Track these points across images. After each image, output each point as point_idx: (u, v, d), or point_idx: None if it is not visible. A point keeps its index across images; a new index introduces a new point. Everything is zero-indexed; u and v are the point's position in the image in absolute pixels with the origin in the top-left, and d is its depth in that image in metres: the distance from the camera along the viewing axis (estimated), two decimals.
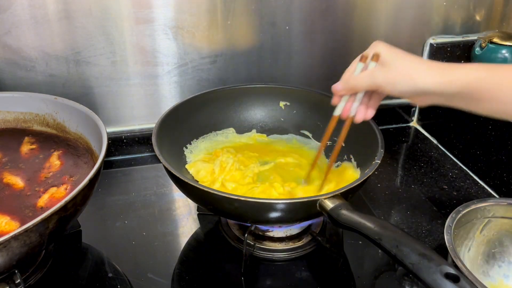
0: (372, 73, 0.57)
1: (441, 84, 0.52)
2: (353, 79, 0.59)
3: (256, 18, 0.91)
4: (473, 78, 0.51)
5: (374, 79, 0.56)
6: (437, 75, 0.52)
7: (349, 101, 0.63)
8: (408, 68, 0.54)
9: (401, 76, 0.54)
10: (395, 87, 0.55)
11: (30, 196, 0.65)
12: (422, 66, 0.54)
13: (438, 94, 0.53)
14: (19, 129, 0.79)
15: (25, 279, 0.64)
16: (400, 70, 0.54)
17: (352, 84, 0.59)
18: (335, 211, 0.56)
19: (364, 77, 0.57)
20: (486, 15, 1.03)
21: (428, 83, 0.52)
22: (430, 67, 0.53)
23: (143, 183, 0.89)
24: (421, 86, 0.53)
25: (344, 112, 0.64)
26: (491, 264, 0.66)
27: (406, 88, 0.54)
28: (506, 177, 0.84)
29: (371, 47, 0.59)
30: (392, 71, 0.55)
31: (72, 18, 0.82)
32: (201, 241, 0.75)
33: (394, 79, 0.54)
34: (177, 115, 0.80)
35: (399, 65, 0.55)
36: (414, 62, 0.54)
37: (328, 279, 0.68)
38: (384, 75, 0.55)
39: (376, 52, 0.57)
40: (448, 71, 0.52)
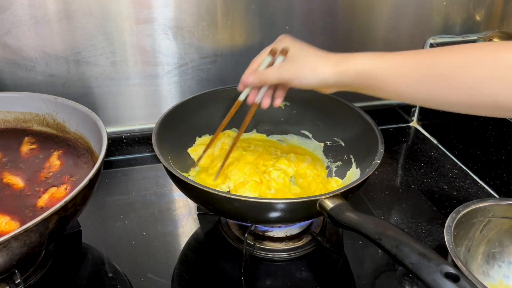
0: (280, 69, 0.61)
1: (337, 74, 0.56)
2: (264, 75, 0.63)
3: (256, 18, 0.91)
4: (364, 67, 0.54)
5: (282, 74, 0.60)
6: (333, 66, 0.56)
7: (255, 89, 0.68)
8: (311, 61, 0.58)
9: (305, 70, 0.58)
10: (301, 81, 0.59)
11: (30, 196, 0.65)
12: (322, 59, 0.57)
13: (337, 83, 0.57)
14: (19, 129, 0.79)
15: (25, 279, 0.64)
16: (304, 64, 0.58)
17: (263, 78, 0.63)
18: (335, 211, 0.56)
19: (275, 73, 0.61)
20: (486, 15, 1.03)
21: (326, 74, 0.56)
22: (328, 59, 0.57)
23: (143, 183, 0.89)
24: (322, 77, 0.57)
25: (251, 98, 0.68)
26: (491, 264, 0.66)
27: (311, 81, 0.58)
28: (506, 177, 0.84)
29: (278, 41, 0.63)
30: (298, 66, 0.59)
31: (72, 18, 0.82)
32: (201, 241, 0.75)
33: (301, 74, 0.58)
34: (177, 115, 0.80)
35: (305, 60, 0.59)
36: (317, 56, 0.58)
37: (328, 279, 0.68)
38: (290, 70, 0.59)
39: (284, 47, 0.61)
40: (343, 61, 0.56)
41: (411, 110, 1.10)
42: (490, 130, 0.86)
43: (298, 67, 0.59)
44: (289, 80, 0.60)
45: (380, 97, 0.57)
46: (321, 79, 0.57)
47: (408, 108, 1.10)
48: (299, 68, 0.58)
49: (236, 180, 0.75)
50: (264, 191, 0.74)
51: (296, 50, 0.60)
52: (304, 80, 0.58)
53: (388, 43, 1.01)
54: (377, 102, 1.08)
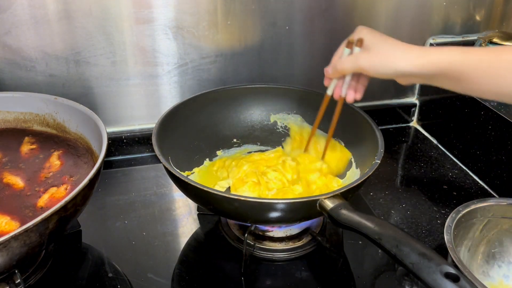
0: (356, 57, 0.61)
1: (418, 66, 0.56)
2: (339, 64, 0.63)
3: (256, 18, 0.91)
4: (448, 61, 0.54)
5: (357, 63, 0.60)
6: (414, 58, 0.56)
7: (339, 82, 0.69)
8: (388, 52, 0.58)
9: (381, 59, 0.58)
10: (376, 70, 0.59)
11: (30, 196, 0.65)
12: (400, 50, 0.57)
13: (416, 75, 0.57)
14: (19, 129, 0.79)
15: (25, 279, 0.64)
16: (381, 54, 0.58)
17: (339, 68, 0.64)
18: (335, 211, 0.56)
19: (349, 61, 0.62)
20: (486, 15, 1.03)
21: (406, 66, 0.56)
22: (408, 50, 0.57)
23: (143, 183, 0.89)
24: (399, 69, 0.57)
25: (336, 93, 0.70)
26: (491, 264, 0.66)
27: (387, 71, 0.58)
28: (506, 177, 0.84)
29: (355, 32, 0.63)
30: (374, 55, 0.59)
31: (72, 18, 0.82)
32: (201, 241, 0.75)
33: (375, 62, 0.58)
34: (177, 115, 0.80)
35: (380, 49, 0.59)
36: (394, 46, 0.58)
37: (328, 279, 0.68)
38: (366, 59, 0.60)
39: (360, 37, 0.61)
40: (424, 53, 0.56)
41: (411, 110, 1.10)
42: (490, 130, 0.86)
43: (373, 56, 0.59)
44: (365, 69, 0.60)
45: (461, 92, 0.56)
46: (398, 69, 0.57)
47: (408, 108, 1.10)
48: (374, 57, 0.59)
49: (234, 176, 0.75)
50: (263, 191, 0.74)
51: (372, 39, 0.60)
52: (380, 69, 0.58)
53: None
54: (377, 102, 1.08)
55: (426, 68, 0.55)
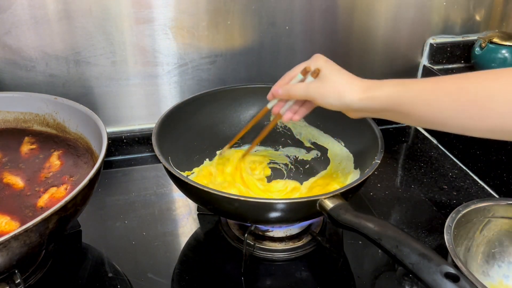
0: (308, 86, 0.62)
1: (363, 100, 0.57)
2: (292, 90, 0.65)
3: (256, 18, 0.91)
4: (391, 95, 0.55)
5: (308, 92, 0.62)
6: (360, 92, 0.57)
7: (282, 101, 0.70)
8: (338, 84, 0.59)
9: (331, 91, 0.59)
10: (325, 101, 0.60)
11: (30, 196, 0.65)
12: (350, 84, 0.59)
13: (363, 109, 0.58)
14: (19, 129, 0.79)
15: (25, 279, 0.64)
16: (331, 86, 0.60)
17: (291, 94, 0.65)
18: (335, 211, 0.56)
19: (301, 89, 0.63)
20: (486, 15, 1.03)
21: (352, 99, 0.57)
22: (356, 85, 0.58)
23: (143, 183, 0.89)
24: (347, 102, 0.58)
25: (276, 109, 0.70)
26: (491, 264, 0.66)
27: (334, 102, 0.59)
28: (506, 177, 0.84)
29: (313, 59, 0.64)
30: (325, 86, 0.60)
31: (72, 18, 0.82)
32: (201, 241, 0.75)
33: (325, 93, 0.60)
34: (177, 115, 0.80)
35: (331, 81, 0.60)
36: (344, 79, 0.59)
37: (328, 279, 0.68)
38: (317, 89, 0.61)
39: (317, 68, 0.62)
40: (371, 88, 0.57)
41: None
42: None
43: (325, 87, 0.60)
44: (315, 98, 0.61)
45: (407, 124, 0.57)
46: (345, 102, 0.58)
47: None
48: (326, 89, 0.60)
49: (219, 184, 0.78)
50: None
51: (327, 71, 0.61)
52: (328, 100, 0.60)
53: (388, 43, 1.01)
54: None
55: (372, 103, 0.56)
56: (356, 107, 0.58)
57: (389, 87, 0.56)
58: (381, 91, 0.56)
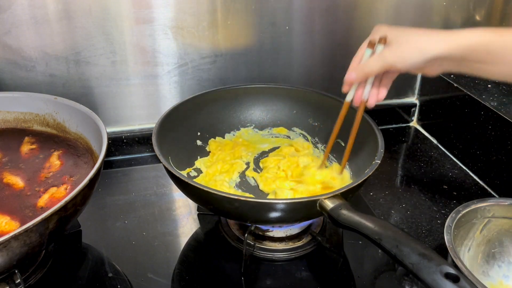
0: (382, 55, 0.59)
1: (448, 49, 0.54)
2: (366, 66, 0.60)
3: (256, 18, 0.91)
4: (478, 41, 0.53)
5: (385, 60, 0.58)
6: (443, 41, 0.54)
7: (360, 87, 0.65)
8: (414, 40, 0.56)
9: (409, 50, 0.56)
10: (405, 62, 0.57)
11: (30, 196, 0.65)
12: (426, 35, 0.56)
13: (447, 58, 0.55)
14: (19, 129, 0.79)
15: (25, 279, 0.64)
16: (407, 44, 0.57)
17: (367, 71, 0.61)
18: (335, 211, 0.56)
19: (376, 61, 0.59)
20: (486, 15, 1.03)
21: (436, 50, 0.54)
22: (434, 34, 0.56)
23: (143, 183, 0.89)
24: (430, 55, 0.55)
25: (357, 98, 0.66)
26: (491, 264, 0.66)
27: (416, 59, 0.56)
28: (506, 177, 0.84)
29: (374, 31, 0.61)
30: (400, 48, 0.57)
31: (72, 18, 0.82)
32: (201, 241, 0.75)
33: (404, 54, 0.56)
34: (177, 115, 0.80)
35: (405, 40, 0.57)
36: (419, 34, 0.57)
37: (328, 279, 0.68)
38: (393, 53, 0.57)
39: (382, 35, 0.59)
40: (453, 35, 0.54)
41: (411, 110, 1.10)
42: (490, 130, 0.86)
43: (400, 49, 0.57)
44: (393, 65, 0.58)
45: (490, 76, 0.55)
46: (429, 55, 0.55)
47: (408, 108, 1.10)
48: (401, 50, 0.57)
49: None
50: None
51: (394, 34, 0.58)
52: (410, 60, 0.56)
53: None
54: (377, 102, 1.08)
55: (457, 48, 0.54)
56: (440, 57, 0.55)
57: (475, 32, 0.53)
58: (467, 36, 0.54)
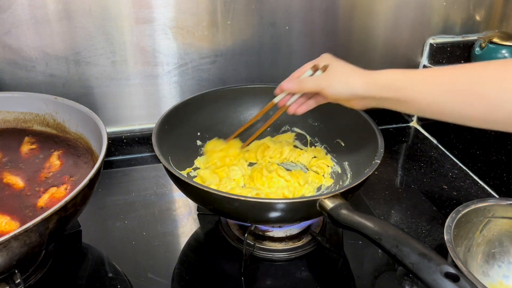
0: (318, 79, 0.69)
1: (365, 84, 0.62)
2: (303, 83, 0.70)
3: (256, 18, 0.91)
4: (389, 79, 0.60)
5: (318, 83, 0.68)
6: (364, 78, 0.62)
7: (289, 95, 0.75)
8: (345, 73, 0.65)
9: (338, 80, 0.65)
10: (333, 89, 0.65)
11: (30, 196, 0.65)
12: (354, 72, 0.64)
13: (366, 96, 0.62)
14: (19, 129, 0.79)
15: (25, 279, 0.64)
16: (339, 76, 0.66)
17: (302, 86, 0.71)
18: (335, 211, 0.56)
19: (312, 82, 0.69)
20: (486, 15, 1.03)
21: (357, 84, 0.63)
22: (360, 72, 0.64)
23: (143, 183, 0.89)
24: (353, 87, 0.63)
25: (282, 102, 0.76)
26: (491, 264, 0.66)
27: (342, 90, 0.64)
28: (506, 177, 0.84)
29: (321, 58, 0.71)
30: (333, 77, 0.66)
31: (72, 18, 0.82)
32: (201, 241, 0.75)
33: (333, 83, 0.65)
34: (177, 115, 0.80)
35: (338, 72, 0.66)
36: (350, 69, 0.65)
37: (328, 279, 0.68)
38: (326, 79, 0.67)
39: (325, 64, 0.69)
40: (371, 75, 0.62)
41: None
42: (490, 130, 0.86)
43: (332, 77, 0.66)
44: (324, 88, 0.66)
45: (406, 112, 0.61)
46: (351, 89, 0.63)
47: None
48: (333, 79, 0.66)
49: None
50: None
51: (334, 64, 0.67)
52: (336, 89, 0.65)
53: (388, 43, 1.01)
54: None
55: (373, 86, 0.61)
56: (360, 92, 0.62)
57: (387, 72, 0.61)
58: (380, 76, 0.61)
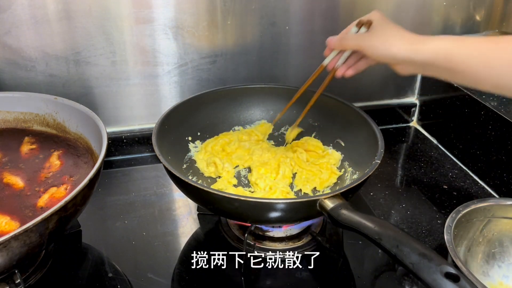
0: (359, 37, 0.64)
1: (410, 51, 0.57)
2: (344, 40, 0.66)
3: (256, 18, 0.91)
4: (444, 48, 0.55)
5: (359, 42, 0.63)
6: (408, 44, 0.57)
7: (337, 57, 0.71)
8: (387, 35, 0.60)
9: (380, 42, 0.60)
10: (373, 51, 0.61)
11: (30, 196, 0.65)
12: (400, 35, 0.59)
13: (409, 61, 0.58)
14: (19, 129, 0.79)
15: (25, 279, 0.64)
16: (381, 36, 0.60)
17: (343, 44, 0.67)
18: (335, 211, 0.56)
19: (353, 40, 0.65)
20: (486, 15, 1.03)
21: (399, 49, 0.58)
22: (405, 37, 0.59)
23: (143, 183, 0.89)
24: (394, 52, 0.58)
25: (331, 64, 0.72)
26: (491, 264, 0.66)
27: (383, 53, 0.59)
28: (506, 177, 0.84)
29: (370, 14, 0.65)
30: (375, 37, 0.61)
31: (72, 18, 0.82)
32: (201, 241, 0.75)
33: (375, 43, 0.60)
34: (177, 115, 0.80)
35: (381, 32, 0.61)
36: (395, 31, 0.60)
37: (328, 279, 0.68)
38: (367, 39, 0.62)
39: (369, 19, 0.64)
40: (419, 41, 0.57)
41: (411, 110, 1.10)
42: (490, 130, 0.86)
43: (374, 37, 0.61)
44: (365, 49, 0.62)
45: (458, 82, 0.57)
46: (393, 53, 0.58)
47: (408, 108, 1.10)
48: (375, 39, 0.61)
49: None
50: None
51: (379, 23, 0.62)
52: (377, 51, 0.60)
53: None
54: (377, 102, 1.08)
55: (420, 54, 0.56)
56: (401, 58, 0.58)
57: (440, 40, 0.55)
58: (430, 44, 0.55)
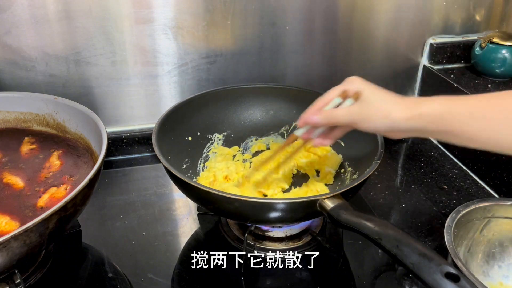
0: (351, 111, 0.58)
1: (411, 119, 0.53)
2: (334, 116, 0.60)
3: (256, 18, 0.91)
4: (440, 111, 0.52)
5: (352, 116, 0.58)
6: (407, 111, 0.53)
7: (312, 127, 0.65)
8: (383, 105, 0.55)
9: (376, 113, 0.55)
10: (370, 124, 0.56)
11: (30, 196, 0.65)
12: (395, 103, 0.55)
13: (410, 129, 0.54)
14: (19, 129, 0.79)
15: (25, 279, 0.64)
16: (375, 108, 0.56)
17: (332, 120, 0.60)
18: (335, 211, 0.56)
19: (344, 115, 0.59)
20: (486, 15, 1.03)
21: (400, 119, 0.54)
22: (401, 104, 0.55)
23: (143, 183, 0.89)
24: (394, 122, 0.54)
25: (306, 136, 0.66)
26: (491, 264, 0.66)
27: (380, 125, 0.56)
28: (506, 177, 0.84)
29: (348, 83, 0.60)
30: (368, 109, 0.56)
31: (72, 18, 0.82)
32: (201, 241, 0.75)
33: (370, 116, 0.56)
34: (177, 115, 0.79)
35: (375, 103, 0.56)
36: (389, 99, 0.56)
37: (328, 279, 0.68)
38: (361, 112, 0.57)
39: (357, 90, 0.58)
40: (418, 105, 0.53)
41: None
42: None
43: (369, 109, 0.56)
44: (358, 122, 0.57)
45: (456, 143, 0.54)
46: (392, 123, 0.54)
47: None
48: (370, 111, 0.56)
49: None
50: None
51: (369, 93, 0.57)
52: (374, 123, 0.56)
53: (388, 43, 1.01)
54: None
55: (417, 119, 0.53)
56: (403, 127, 0.54)
57: (437, 103, 0.53)
58: (429, 108, 0.53)
